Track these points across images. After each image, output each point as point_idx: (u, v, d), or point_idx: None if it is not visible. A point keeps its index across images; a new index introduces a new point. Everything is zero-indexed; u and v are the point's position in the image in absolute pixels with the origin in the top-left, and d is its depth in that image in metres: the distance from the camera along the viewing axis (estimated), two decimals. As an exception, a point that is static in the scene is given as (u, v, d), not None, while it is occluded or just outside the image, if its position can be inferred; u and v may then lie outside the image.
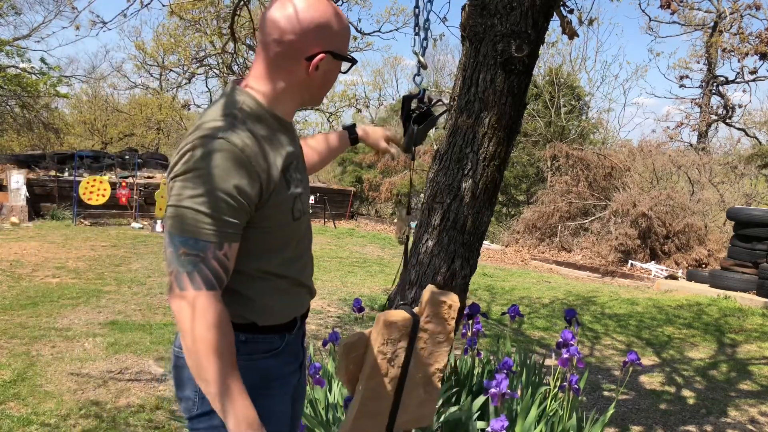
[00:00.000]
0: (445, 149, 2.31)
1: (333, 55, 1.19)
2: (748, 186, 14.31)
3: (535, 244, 12.77)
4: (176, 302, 1.08)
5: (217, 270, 1.09)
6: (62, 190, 12.22)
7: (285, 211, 1.19)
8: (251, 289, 1.20)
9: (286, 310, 1.27)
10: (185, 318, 1.07)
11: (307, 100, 1.26)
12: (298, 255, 1.29)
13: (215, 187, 1.06)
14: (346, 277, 7.78)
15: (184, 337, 1.08)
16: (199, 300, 1.07)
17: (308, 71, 1.17)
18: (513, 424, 2.31)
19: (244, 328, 1.20)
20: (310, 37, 1.15)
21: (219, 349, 1.07)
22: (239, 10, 5.22)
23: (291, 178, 1.21)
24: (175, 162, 1.10)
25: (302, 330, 1.38)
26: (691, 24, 17.06)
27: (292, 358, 1.33)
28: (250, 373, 1.17)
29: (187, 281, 1.07)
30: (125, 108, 22.44)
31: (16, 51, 15.54)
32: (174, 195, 1.08)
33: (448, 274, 2.29)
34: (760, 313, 6.90)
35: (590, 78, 34.88)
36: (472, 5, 2.21)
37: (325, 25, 1.16)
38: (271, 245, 1.20)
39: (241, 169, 1.08)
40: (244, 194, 1.09)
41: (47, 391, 3.39)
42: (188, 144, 1.09)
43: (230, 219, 1.09)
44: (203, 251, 1.07)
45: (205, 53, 15.15)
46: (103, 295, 5.79)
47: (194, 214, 1.06)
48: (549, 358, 4.37)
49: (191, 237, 1.07)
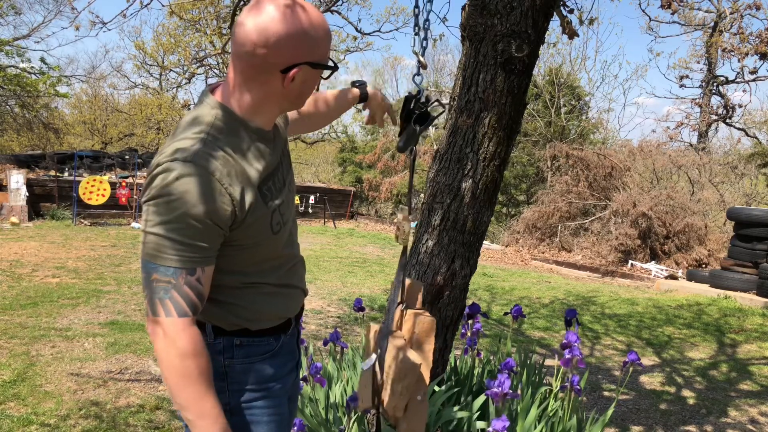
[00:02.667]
0: (445, 149, 2.31)
1: (310, 65, 1.12)
2: (748, 186, 14.31)
3: (535, 244, 12.77)
4: (151, 327, 1.08)
5: (189, 295, 1.08)
6: (62, 190, 12.22)
7: (263, 226, 1.17)
8: (239, 299, 1.20)
9: (278, 313, 1.26)
10: (158, 344, 1.07)
11: (287, 108, 1.22)
12: (282, 262, 1.27)
13: (185, 213, 1.04)
14: (346, 277, 7.78)
15: (159, 363, 1.09)
16: (170, 327, 1.06)
17: (284, 83, 1.12)
18: (513, 424, 2.31)
19: (238, 333, 1.19)
20: (283, 51, 1.07)
21: (190, 375, 1.06)
22: (239, 10, 5.22)
23: (269, 190, 1.18)
24: (146, 185, 1.08)
25: (297, 329, 1.38)
26: (691, 24, 17.05)
27: (289, 357, 1.33)
28: (248, 376, 1.17)
29: (160, 307, 1.06)
30: (125, 108, 22.44)
31: (16, 51, 15.55)
32: (145, 220, 1.07)
33: (448, 273, 2.29)
34: (760, 313, 6.89)
35: (590, 78, 34.92)
36: (472, 5, 2.21)
37: (299, 35, 1.08)
38: (250, 260, 1.19)
39: (212, 193, 1.06)
40: (217, 218, 1.07)
41: (47, 391, 3.38)
42: (159, 167, 1.07)
43: (201, 244, 1.07)
44: (174, 277, 1.06)
45: (205, 53, 15.15)
46: (103, 295, 5.79)
47: (164, 241, 1.05)
48: (549, 358, 4.37)
49: (161, 264, 1.06)
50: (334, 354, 2.89)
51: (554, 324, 5.82)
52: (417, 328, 1.50)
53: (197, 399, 1.07)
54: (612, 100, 55.38)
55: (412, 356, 1.47)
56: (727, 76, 18.33)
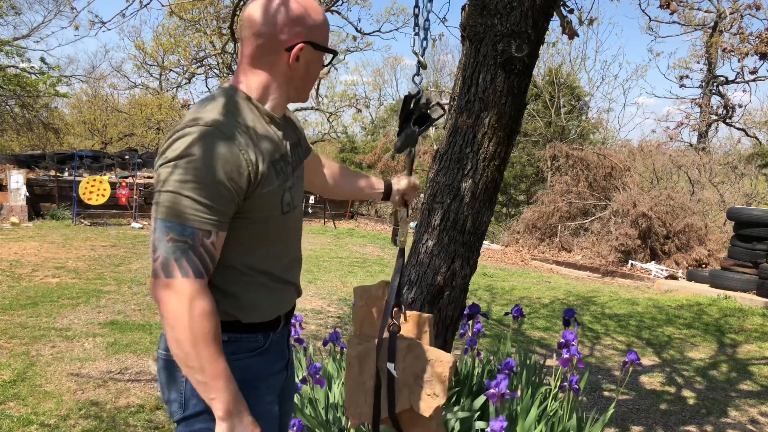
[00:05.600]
0: (445, 149, 2.31)
1: (312, 45, 1.21)
2: (748, 186, 14.31)
3: (535, 244, 12.76)
4: (161, 290, 1.07)
5: (205, 258, 1.08)
6: (62, 190, 12.22)
7: (273, 202, 1.19)
8: (234, 285, 1.20)
9: (270, 307, 1.26)
10: (172, 306, 1.06)
11: (293, 96, 1.27)
12: (284, 251, 1.28)
13: (206, 174, 1.06)
14: (346, 277, 7.78)
15: (171, 325, 1.07)
16: (188, 287, 1.06)
17: (290, 63, 1.19)
18: (513, 424, 2.31)
19: (226, 327, 1.19)
20: (287, 29, 1.17)
21: (207, 335, 1.07)
22: (239, 10, 5.22)
23: (280, 170, 1.21)
24: (165, 148, 1.10)
25: (288, 329, 1.37)
26: (691, 24, 17.05)
27: (278, 356, 1.32)
28: (235, 373, 1.17)
29: (176, 268, 1.06)
30: (125, 108, 22.45)
31: (16, 51, 15.56)
32: (163, 180, 1.07)
33: (448, 273, 2.29)
34: (760, 313, 6.89)
35: (590, 78, 34.94)
36: (472, 5, 2.21)
37: (302, 16, 1.18)
38: (256, 238, 1.20)
39: (231, 157, 1.09)
40: (234, 182, 1.09)
41: (47, 391, 3.38)
42: (178, 131, 1.10)
43: (219, 207, 1.08)
44: (192, 238, 1.06)
45: (205, 53, 15.15)
46: (103, 295, 5.78)
47: (184, 200, 1.06)
48: (549, 358, 4.37)
49: (180, 223, 1.06)
50: (334, 354, 2.89)
51: (554, 324, 5.82)
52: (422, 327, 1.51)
53: (213, 360, 1.07)
54: (612, 100, 55.40)
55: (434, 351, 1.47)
56: (727, 76, 18.34)
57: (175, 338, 1.07)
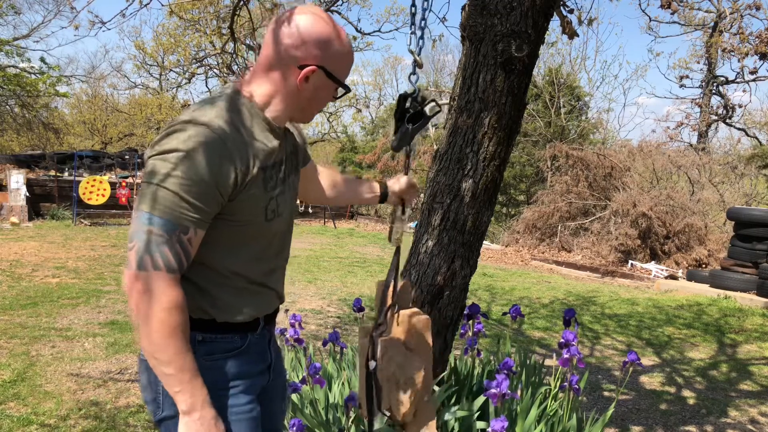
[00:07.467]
0: (445, 149, 2.31)
1: (326, 72, 1.20)
2: (748, 186, 14.31)
3: (535, 244, 12.76)
4: (131, 281, 1.07)
5: (180, 254, 1.09)
6: (62, 190, 12.23)
7: (257, 208, 1.19)
8: (211, 284, 1.20)
9: (247, 309, 1.25)
10: (139, 298, 1.07)
11: (297, 115, 1.26)
12: (265, 257, 1.27)
13: (193, 171, 1.07)
14: (346, 277, 7.78)
15: (139, 317, 1.08)
16: (159, 280, 1.07)
17: (298, 80, 1.18)
18: (513, 424, 2.31)
19: (201, 327, 1.18)
20: (307, 47, 1.16)
21: (176, 329, 1.08)
22: (239, 10, 5.22)
23: (270, 177, 1.21)
24: (156, 141, 1.11)
25: (269, 332, 1.35)
26: (691, 24, 17.05)
27: (258, 358, 1.30)
28: (210, 373, 1.16)
29: (148, 260, 1.07)
30: (125, 108, 22.46)
31: (16, 51, 15.56)
32: (151, 172, 1.08)
33: (448, 273, 2.29)
34: (760, 313, 6.89)
35: (590, 78, 34.93)
36: (472, 5, 2.21)
37: (325, 41, 1.18)
38: (237, 241, 1.20)
39: (221, 156, 1.09)
40: (220, 182, 1.10)
41: (47, 391, 3.38)
42: (172, 127, 1.11)
43: (201, 205, 1.09)
44: (169, 233, 1.07)
45: (205, 53, 15.14)
46: (103, 295, 5.78)
47: (168, 194, 1.06)
48: (549, 359, 4.36)
49: (160, 216, 1.07)
50: (334, 354, 2.89)
51: (554, 324, 5.82)
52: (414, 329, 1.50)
53: (180, 353, 1.09)
54: (612, 100, 55.49)
55: (414, 359, 1.47)
56: (727, 76, 18.33)
57: (143, 330, 1.08)
